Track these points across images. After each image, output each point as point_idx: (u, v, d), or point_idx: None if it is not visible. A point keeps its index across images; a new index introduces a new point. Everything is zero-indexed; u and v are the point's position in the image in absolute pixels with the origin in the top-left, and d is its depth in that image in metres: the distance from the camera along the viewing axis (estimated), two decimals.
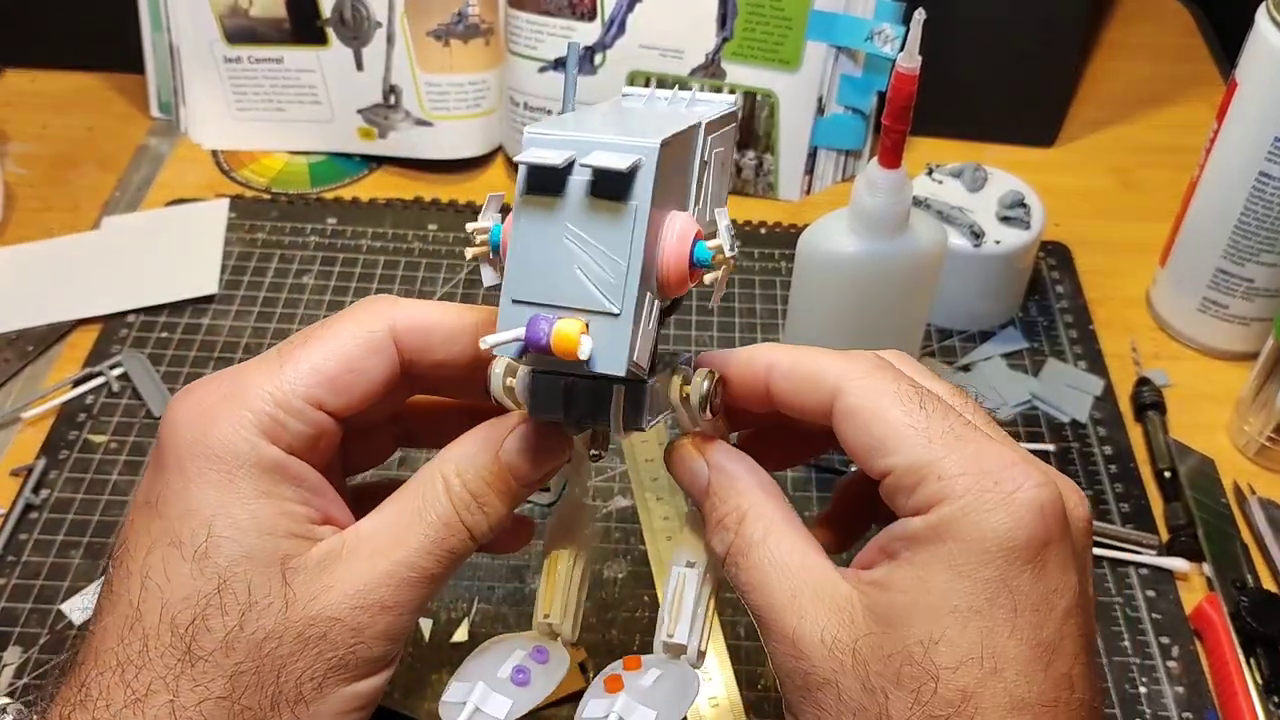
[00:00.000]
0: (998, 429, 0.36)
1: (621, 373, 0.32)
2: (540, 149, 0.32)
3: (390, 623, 0.35)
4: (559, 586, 0.40)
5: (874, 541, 0.35)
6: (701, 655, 0.38)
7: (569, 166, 0.31)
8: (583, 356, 0.31)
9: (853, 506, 0.41)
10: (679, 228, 0.33)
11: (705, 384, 0.36)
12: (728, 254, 0.33)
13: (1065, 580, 0.32)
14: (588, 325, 0.31)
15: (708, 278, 0.33)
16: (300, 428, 0.35)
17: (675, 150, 0.33)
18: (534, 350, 0.31)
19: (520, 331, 0.31)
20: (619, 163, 0.31)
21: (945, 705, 0.31)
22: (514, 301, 0.32)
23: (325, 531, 0.35)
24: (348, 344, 0.36)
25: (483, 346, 0.31)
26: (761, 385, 0.37)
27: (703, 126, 0.35)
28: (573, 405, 0.35)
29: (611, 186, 0.31)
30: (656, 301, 0.33)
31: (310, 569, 0.34)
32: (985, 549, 0.32)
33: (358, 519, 0.37)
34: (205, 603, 0.33)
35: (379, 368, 0.36)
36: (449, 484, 0.36)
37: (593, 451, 0.39)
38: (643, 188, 0.31)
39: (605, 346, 0.31)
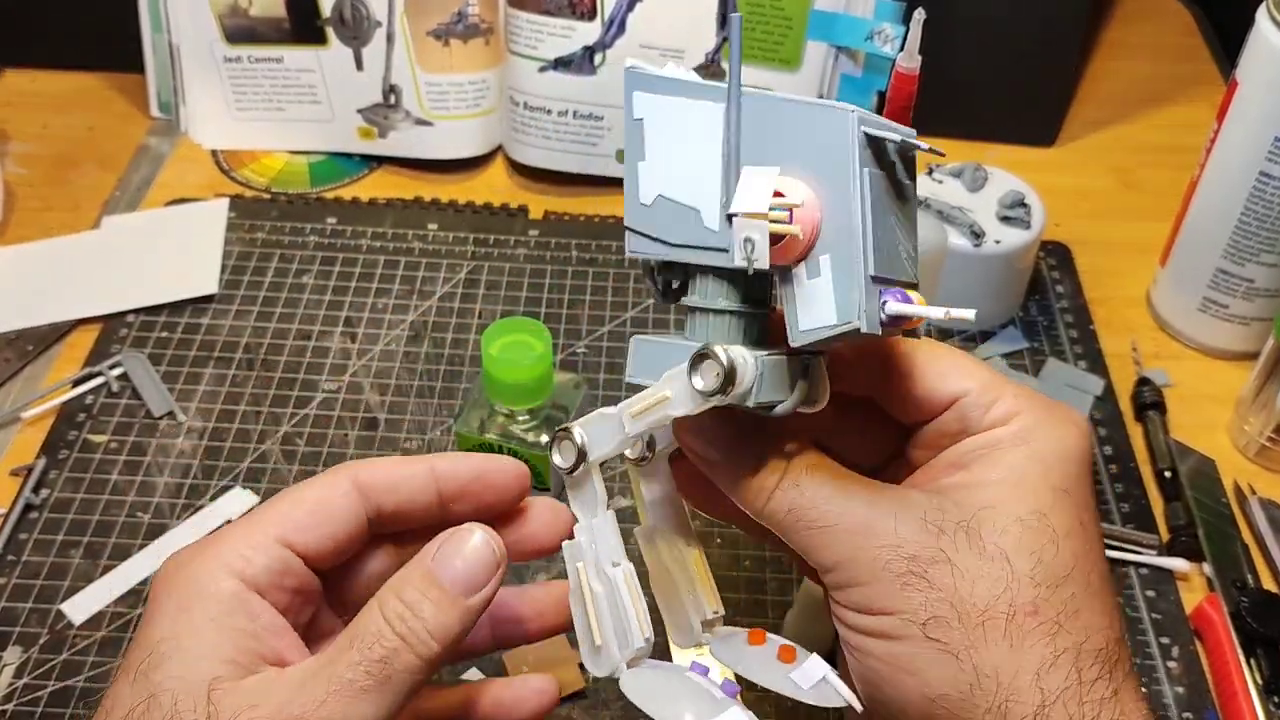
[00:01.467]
0: None
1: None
2: (873, 125, 0.32)
3: None
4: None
5: (934, 464, 0.37)
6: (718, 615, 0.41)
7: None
8: (956, 317, 0.32)
9: None
10: None
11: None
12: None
13: (1094, 496, 0.38)
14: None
15: None
16: (266, 561, 0.37)
17: None
18: (896, 324, 0.32)
19: (896, 306, 0.32)
20: (919, 141, 0.33)
21: (1064, 567, 0.34)
22: (874, 279, 0.32)
23: (269, 669, 0.36)
24: (314, 491, 0.39)
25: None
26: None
27: None
28: (797, 382, 0.36)
29: (908, 164, 0.33)
30: None
31: (239, 693, 0.34)
32: (1061, 453, 0.36)
33: None
34: (136, 717, 0.34)
35: (347, 509, 0.38)
36: (382, 601, 0.36)
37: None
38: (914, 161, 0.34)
39: (941, 310, 0.33)
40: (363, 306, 0.73)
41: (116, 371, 0.68)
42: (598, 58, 0.78)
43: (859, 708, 0.37)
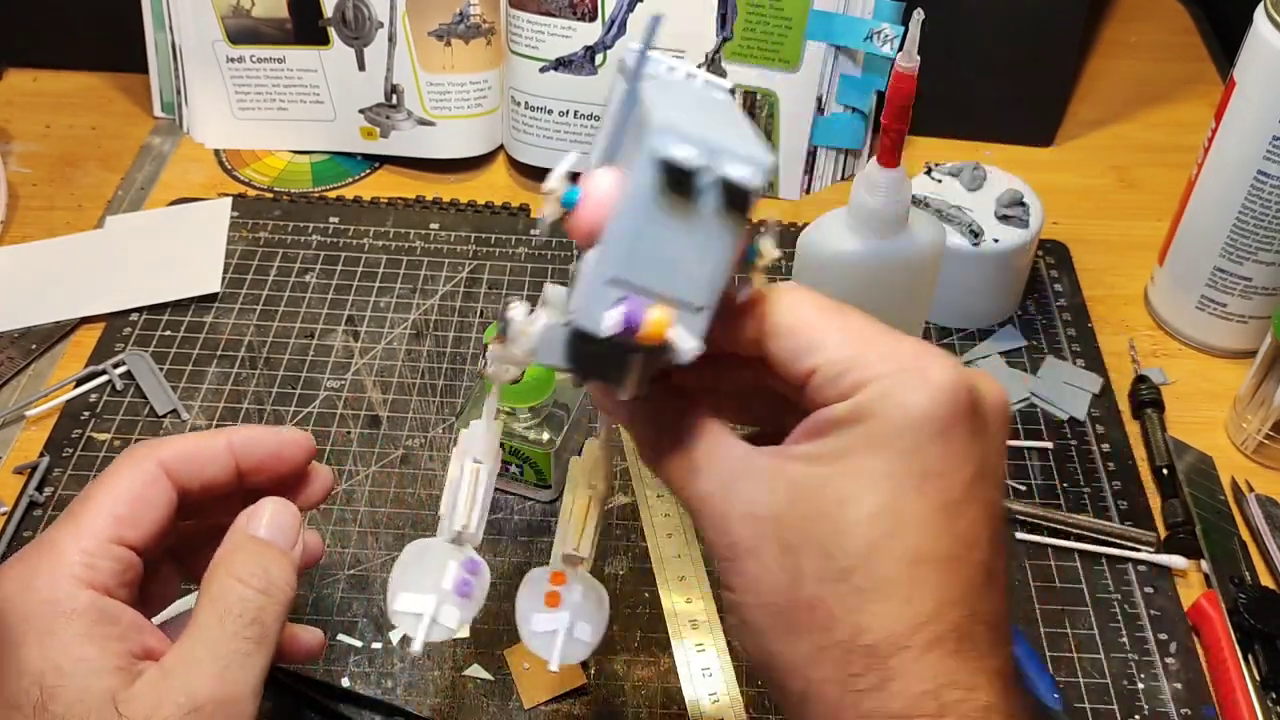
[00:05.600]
0: None
1: (688, 361, 0.33)
2: (679, 144, 0.32)
3: (232, 714, 0.38)
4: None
5: (800, 427, 0.36)
6: (587, 560, 0.43)
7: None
8: (676, 345, 0.32)
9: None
10: None
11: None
12: (772, 255, 0.35)
13: (971, 449, 0.34)
14: (673, 316, 0.33)
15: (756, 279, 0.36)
16: (109, 564, 0.39)
17: None
18: (626, 332, 0.32)
19: (619, 315, 0.32)
20: (754, 180, 0.32)
21: (852, 556, 0.33)
22: (610, 281, 0.32)
23: (146, 665, 0.38)
24: (129, 483, 0.41)
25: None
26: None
27: None
28: (592, 366, 0.36)
29: (737, 197, 0.32)
30: None
31: (138, 698, 0.37)
32: (901, 422, 0.34)
33: None
34: None
35: (161, 495, 0.42)
36: (231, 569, 0.40)
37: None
38: (753, 199, 0.33)
39: (684, 335, 0.33)
40: (365, 305, 0.74)
41: (120, 370, 0.68)
42: (598, 58, 0.78)
43: (554, 667, 0.42)
